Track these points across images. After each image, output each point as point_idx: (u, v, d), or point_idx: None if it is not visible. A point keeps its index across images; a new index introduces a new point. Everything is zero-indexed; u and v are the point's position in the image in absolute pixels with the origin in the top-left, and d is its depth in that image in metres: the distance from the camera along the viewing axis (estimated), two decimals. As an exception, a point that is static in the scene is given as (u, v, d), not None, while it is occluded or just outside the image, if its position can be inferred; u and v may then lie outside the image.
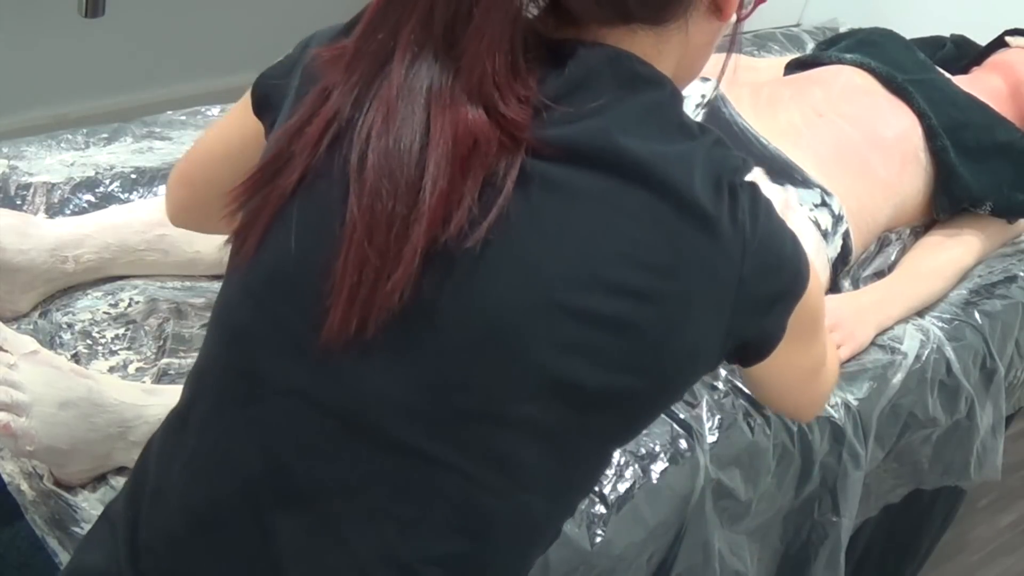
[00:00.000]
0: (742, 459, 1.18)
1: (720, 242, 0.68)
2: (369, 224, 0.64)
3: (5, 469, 1.00)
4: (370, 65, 0.66)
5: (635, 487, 1.08)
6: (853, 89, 1.54)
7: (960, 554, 2.16)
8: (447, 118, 0.63)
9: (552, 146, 0.66)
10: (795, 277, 0.75)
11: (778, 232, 0.73)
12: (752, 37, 2.13)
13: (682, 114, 0.72)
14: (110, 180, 1.33)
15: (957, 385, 1.39)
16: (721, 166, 0.70)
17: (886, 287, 1.42)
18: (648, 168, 0.66)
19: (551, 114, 0.66)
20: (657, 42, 0.71)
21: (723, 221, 0.68)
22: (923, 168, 1.51)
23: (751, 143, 1.41)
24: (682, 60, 0.74)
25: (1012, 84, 1.65)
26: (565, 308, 0.66)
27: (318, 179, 0.67)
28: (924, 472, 1.46)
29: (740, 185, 0.70)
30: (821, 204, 1.35)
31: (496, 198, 0.64)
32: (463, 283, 0.66)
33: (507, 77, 0.64)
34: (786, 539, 1.32)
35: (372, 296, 0.64)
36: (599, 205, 0.66)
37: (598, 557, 1.03)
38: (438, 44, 0.64)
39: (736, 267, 0.69)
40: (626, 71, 0.69)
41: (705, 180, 0.68)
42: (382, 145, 0.64)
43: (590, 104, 0.67)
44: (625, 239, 0.66)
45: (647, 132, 0.68)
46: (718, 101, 1.47)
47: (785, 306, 0.76)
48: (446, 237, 0.64)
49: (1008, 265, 1.57)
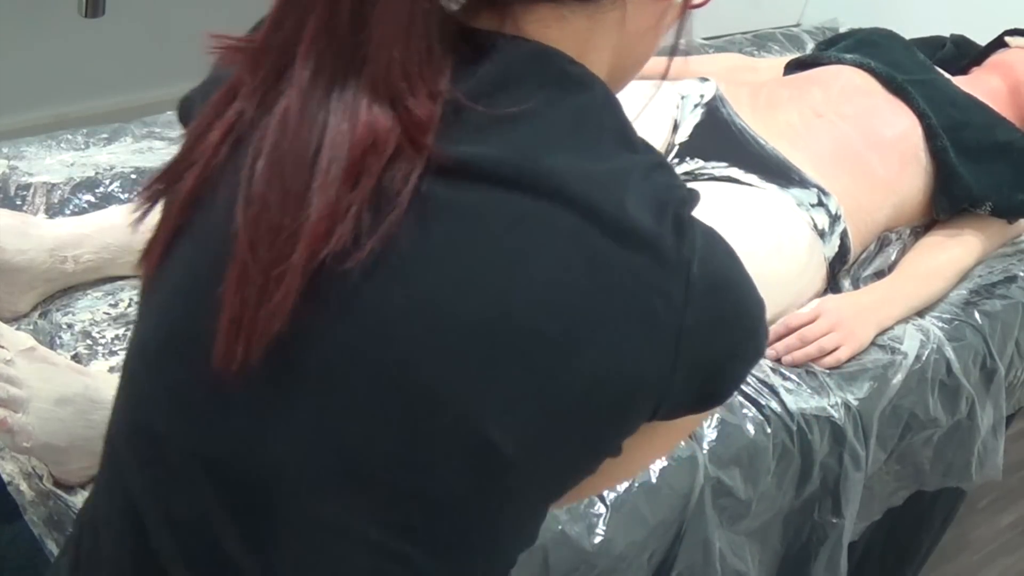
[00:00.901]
0: (742, 458, 1.18)
1: (659, 276, 0.57)
2: (253, 238, 0.55)
3: (5, 469, 1.00)
4: (277, 59, 0.57)
5: (635, 487, 1.08)
6: (853, 89, 1.54)
7: (960, 554, 2.16)
8: (347, 115, 0.55)
9: (461, 161, 0.56)
10: (749, 340, 0.63)
11: (736, 281, 0.61)
12: (752, 37, 2.13)
13: (619, 122, 0.63)
14: (110, 180, 1.33)
15: (957, 385, 1.39)
16: (664, 194, 0.60)
17: (886, 287, 1.42)
18: (574, 189, 0.57)
19: (464, 118, 0.57)
20: (590, 26, 0.62)
21: (665, 250, 0.57)
22: (923, 168, 1.51)
23: (749, 143, 1.41)
24: (620, 47, 0.64)
25: (1012, 84, 1.65)
26: (465, 354, 0.56)
27: (219, 189, 0.59)
28: (925, 473, 1.46)
29: (689, 219, 0.60)
30: (818, 204, 1.35)
31: (388, 214, 0.55)
32: (348, 314, 0.56)
33: (418, 67, 0.56)
34: (786, 540, 1.32)
35: (254, 323, 0.55)
36: (512, 233, 0.56)
37: (598, 557, 1.03)
38: (345, 31, 0.55)
39: (677, 313, 0.57)
40: (553, 71, 0.60)
41: (642, 203, 0.58)
42: (276, 149, 0.56)
43: (510, 109, 0.58)
44: (541, 273, 0.56)
45: (576, 145, 0.59)
46: (716, 101, 1.47)
47: (728, 372, 0.63)
48: (328, 255, 0.54)
49: (1008, 265, 1.57)
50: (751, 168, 1.37)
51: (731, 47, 2.04)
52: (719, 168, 1.38)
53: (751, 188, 1.34)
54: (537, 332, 0.56)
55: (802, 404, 1.24)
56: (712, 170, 1.38)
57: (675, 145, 1.43)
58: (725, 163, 1.38)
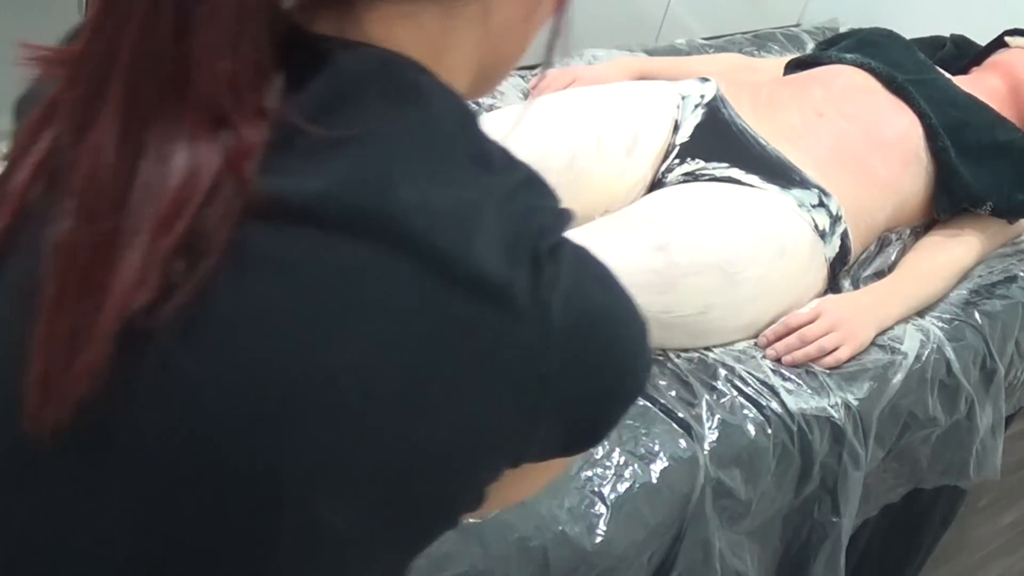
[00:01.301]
0: (742, 459, 1.18)
1: (510, 326, 0.50)
2: (60, 289, 0.48)
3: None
4: (94, 73, 0.48)
5: (635, 487, 1.09)
6: (853, 89, 1.54)
7: (960, 554, 2.16)
8: (164, 143, 0.47)
9: (285, 198, 0.48)
10: (623, 378, 0.56)
11: (609, 315, 0.55)
12: (752, 37, 2.13)
13: (474, 138, 0.54)
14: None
15: (957, 385, 1.39)
16: (522, 224, 0.52)
17: (886, 287, 1.42)
18: (415, 231, 0.49)
19: (296, 142, 0.49)
20: (445, 24, 0.54)
21: (517, 298, 0.50)
22: (923, 168, 1.51)
23: (750, 144, 1.41)
24: (485, 45, 0.57)
25: (1012, 84, 1.65)
26: (287, 427, 0.49)
27: (33, 228, 0.50)
28: (923, 471, 1.46)
29: (549, 252, 0.52)
30: (819, 204, 1.35)
31: (201, 264, 0.47)
32: (158, 378, 0.49)
33: (248, 80, 0.48)
34: (786, 539, 1.32)
35: (62, 383, 0.48)
36: (341, 286, 0.49)
37: (598, 557, 1.03)
38: (167, 39, 0.47)
39: (534, 362, 0.51)
40: (397, 83, 0.52)
41: (494, 240, 0.50)
42: (86, 186, 0.48)
43: (346, 131, 0.49)
44: (374, 333, 0.49)
45: (422, 170, 0.51)
46: (717, 102, 1.47)
47: (602, 415, 0.57)
48: (138, 311, 0.47)
49: (1008, 265, 1.57)
50: (752, 169, 1.37)
51: (731, 47, 2.04)
52: (720, 169, 1.38)
53: (752, 189, 1.34)
54: (370, 399, 0.49)
55: (802, 404, 1.24)
56: (713, 171, 1.38)
57: (676, 146, 1.43)
58: (726, 164, 1.38)
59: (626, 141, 1.40)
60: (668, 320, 1.22)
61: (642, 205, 1.34)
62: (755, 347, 1.31)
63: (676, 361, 1.25)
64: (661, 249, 1.21)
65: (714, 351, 1.28)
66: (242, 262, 0.48)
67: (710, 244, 1.24)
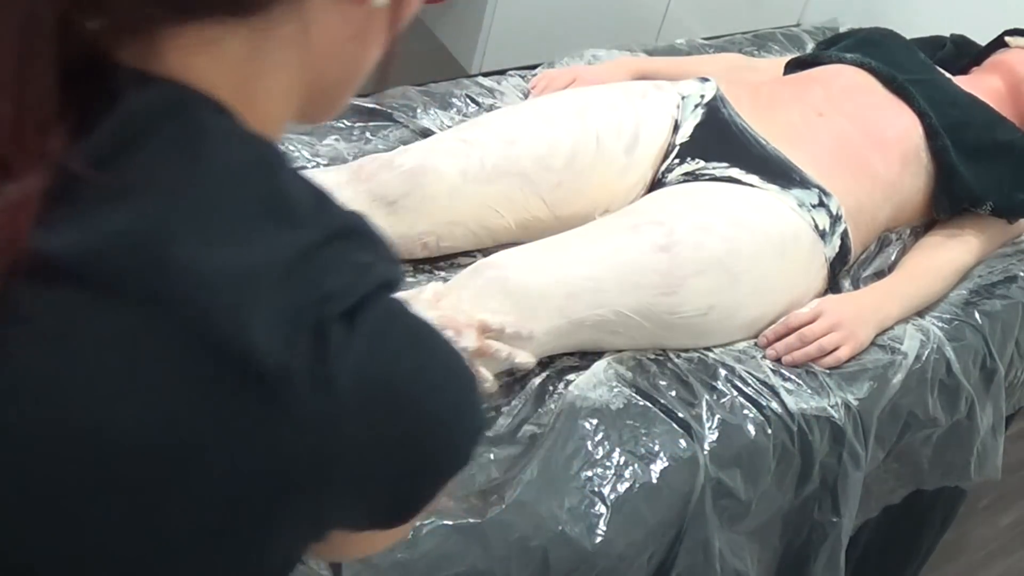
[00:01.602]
0: (742, 459, 1.18)
1: (288, 410, 0.46)
2: None
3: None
4: None
5: (635, 487, 1.09)
6: (854, 88, 1.54)
7: (960, 554, 2.16)
8: None
9: (53, 255, 0.44)
10: (436, 451, 0.51)
11: (414, 381, 0.50)
12: (752, 37, 2.13)
13: (275, 188, 0.48)
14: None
15: (957, 385, 1.39)
16: (311, 289, 0.47)
17: (886, 287, 1.42)
18: (187, 303, 0.44)
19: (75, 192, 0.44)
20: (255, 47, 0.49)
21: (293, 379, 0.45)
22: (923, 168, 1.51)
23: (750, 143, 1.41)
24: (310, 66, 0.52)
25: (1012, 84, 1.65)
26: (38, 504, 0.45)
27: None
28: (924, 472, 1.46)
29: (342, 317, 0.47)
30: (819, 204, 1.35)
31: None
32: None
33: (31, 124, 0.43)
34: (786, 539, 1.32)
35: None
36: (103, 355, 0.45)
37: (598, 557, 1.03)
38: None
39: (318, 442, 0.47)
40: (189, 127, 0.47)
41: (272, 315, 0.45)
42: None
43: (129, 180, 0.45)
44: (134, 410, 0.45)
45: (207, 228, 0.46)
46: (717, 101, 1.47)
47: (413, 491, 0.52)
48: None
49: (1008, 265, 1.57)
50: (752, 169, 1.37)
51: (731, 47, 2.04)
52: (720, 168, 1.38)
53: (753, 189, 1.35)
54: (126, 482, 0.45)
55: (802, 404, 1.24)
56: (713, 170, 1.38)
57: (676, 145, 1.43)
58: (726, 163, 1.38)
59: (626, 141, 1.40)
60: (671, 321, 1.22)
61: (643, 205, 1.34)
62: (755, 347, 1.31)
63: (676, 361, 1.25)
64: (665, 250, 1.21)
65: (714, 351, 1.28)
66: (3, 324, 0.44)
67: (712, 244, 1.24)
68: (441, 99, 1.61)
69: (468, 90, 1.65)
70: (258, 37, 0.49)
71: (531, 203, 1.34)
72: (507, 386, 1.20)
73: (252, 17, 0.48)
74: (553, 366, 1.23)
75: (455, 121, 1.56)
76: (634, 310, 1.20)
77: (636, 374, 1.21)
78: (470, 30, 2.20)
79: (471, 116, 1.57)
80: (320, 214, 0.49)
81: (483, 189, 1.32)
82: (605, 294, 1.18)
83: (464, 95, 1.63)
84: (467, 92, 1.64)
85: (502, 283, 1.15)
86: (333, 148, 1.46)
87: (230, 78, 0.49)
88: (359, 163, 1.33)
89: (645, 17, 2.35)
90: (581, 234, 1.26)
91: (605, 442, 1.11)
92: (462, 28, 2.24)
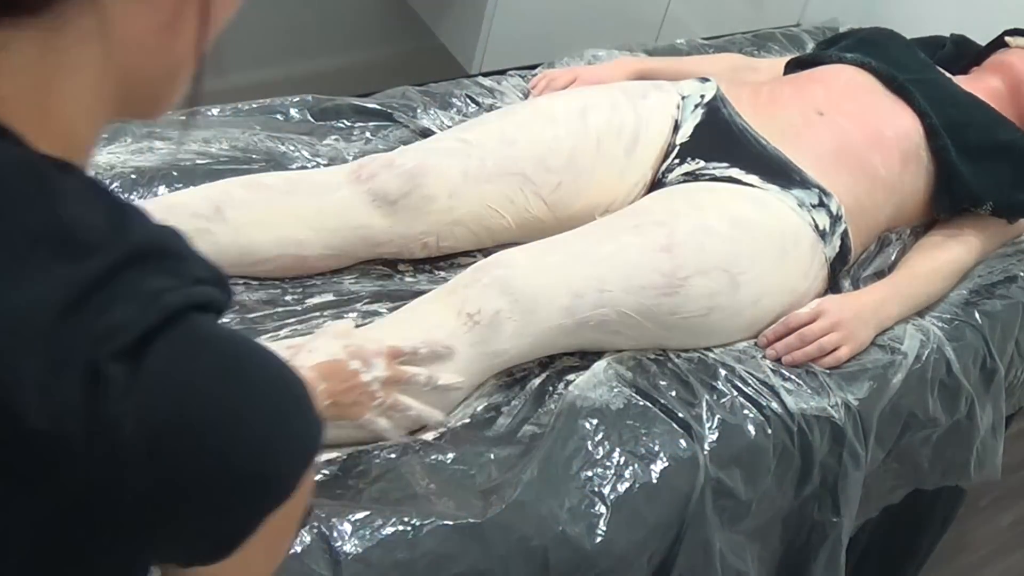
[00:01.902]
0: (742, 459, 1.18)
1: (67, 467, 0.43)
2: None
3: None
4: None
5: (635, 487, 1.08)
6: (854, 88, 1.54)
7: (960, 554, 2.16)
8: None
9: None
10: (252, 482, 0.47)
11: (221, 411, 0.46)
12: (752, 37, 2.13)
13: (53, 215, 0.44)
14: (110, 180, 1.33)
15: (957, 385, 1.39)
16: (88, 330, 0.42)
17: (886, 287, 1.42)
18: None
19: None
20: (49, 46, 0.45)
21: (68, 437, 0.42)
22: (923, 167, 1.51)
23: (750, 143, 1.41)
24: (116, 62, 0.48)
25: (1012, 84, 1.65)
26: None
27: None
28: (924, 472, 1.46)
29: (122, 355, 0.43)
30: (819, 204, 1.35)
31: None
32: None
33: None
34: (786, 539, 1.32)
35: None
36: None
37: (598, 557, 1.03)
38: None
39: (107, 487, 0.44)
40: None
41: (43, 367, 0.41)
42: None
43: None
44: None
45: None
46: (717, 101, 1.47)
47: (231, 526, 0.48)
48: None
49: (1008, 265, 1.57)
50: (752, 168, 1.37)
51: (731, 47, 2.04)
52: (720, 168, 1.38)
53: (753, 189, 1.35)
54: None
55: (802, 404, 1.24)
56: (713, 170, 1.38)
57: (676, 145, 1.43)
58: (726, 163, 1.38)
59: (626, 141, 1.40)
60: (672, 321, 1.22)
61: (643, 205, 1.34)
62: (755, 347, 1.31)
63: (676, 361, 1.25)
64: (666, 250, 1.21)
65: (714, 351, 1.28)
66: None
67: (713, 245, 1.24)
68: (441, 99, 1.61)
69: (468, 90, 1.65)
70: (50, 36, 0.45)
71: (531, 203, 1.34)
72: (507, 386, 1.20)
73: (39, 16, 0.44)
74: (553, 366, 1.23)
75: (455, 121, 1.56)
76: (636, 310, 1.20)
77: (636, 374, 1.21)
78: (470, 30, 2.19)
79: (471, 116, 1.57)
80: (115, 238, 0.45)
81: (483, 189, 1.32)
82: (609, 294, 1.18)
83: (464, 95, 1.63)
84: (467, 92, 1.64)
85: (506, 282, 1.15)
86: (333, 148, 1.46)
87: (22, 81, 0.45)
88: (359, 163, 1.33)
89: (645, 17, 2.35)
90: (583, 234, 1.26)
91: (605, 442, 1.11)
92: (462, 28, 2.24)
